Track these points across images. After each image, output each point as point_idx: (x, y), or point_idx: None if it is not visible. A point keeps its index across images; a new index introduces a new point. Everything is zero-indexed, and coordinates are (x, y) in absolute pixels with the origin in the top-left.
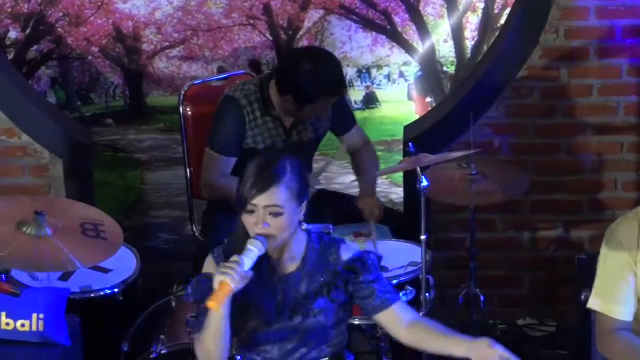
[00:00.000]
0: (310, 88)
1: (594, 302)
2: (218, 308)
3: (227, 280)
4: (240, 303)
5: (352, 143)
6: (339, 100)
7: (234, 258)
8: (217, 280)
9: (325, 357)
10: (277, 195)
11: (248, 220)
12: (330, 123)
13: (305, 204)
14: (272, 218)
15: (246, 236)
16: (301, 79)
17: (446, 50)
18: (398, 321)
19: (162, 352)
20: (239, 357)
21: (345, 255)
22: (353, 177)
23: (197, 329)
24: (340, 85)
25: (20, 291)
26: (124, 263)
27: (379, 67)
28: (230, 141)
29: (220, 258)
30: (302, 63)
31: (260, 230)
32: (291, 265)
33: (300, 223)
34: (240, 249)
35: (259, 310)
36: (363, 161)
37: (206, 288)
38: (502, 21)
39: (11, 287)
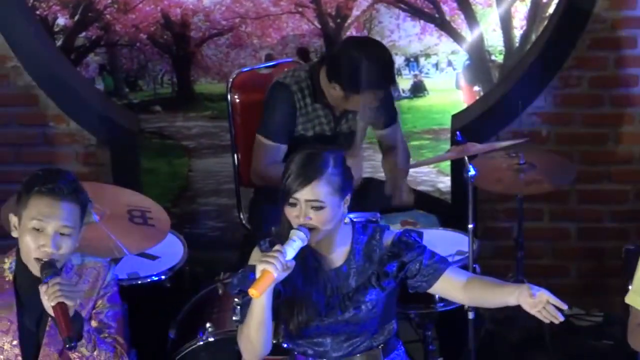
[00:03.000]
0: (357, 78)
1: (631, 297)
2: (258, 296)
3: (269, 268)
4: (289, 297)
5: (388, 139)
6: (386, 93)
7: (277, 247)
8: (260, 268)
9: (378, 345)
10: (319, 190)
11: (290, 212)
12: (375, 113)
13: (348, 197)
14: (314, 211)
15: (291, 227)
16: (349, 69)
17: (494, 39)
18: (454, 286)
19: (209, 339)
20: (285, 345)
21: (387, 240)
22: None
23: (240, 319)
24: (387, 79)
25: (73, 344)
26: (171, 250)
27: (427, 56)
28: (281, 128)
29: (268, 250)
30: (352, 52)
31: (302, 221)
32: (338, 259)
33: (343, 216)
34: (285, 240)
35: (309, 305)
36: (397, 159)
37: (252, 279)
38: (551, 10)
39: (66, 336)
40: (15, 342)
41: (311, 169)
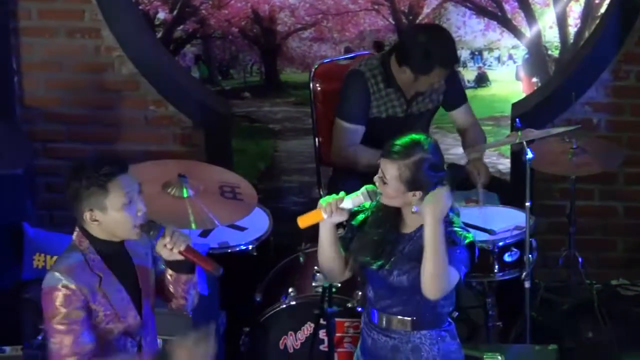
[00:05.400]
0: (424, 60)
1: None
2: (302, 226)
3: (321, 209)
4: (360, 238)
5: (460, 120)
6: (452, 76)
7: (341, 194)
8: (318, 205)
9: (407, 316)
10: (387, 168)
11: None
12: (443, 96)
13: (419, 194)
14: (381, 181)
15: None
16: (416, 52)
17: (551, 36)
18: None
19: (291, 303)
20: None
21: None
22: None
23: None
24: (451, 58)
25: (220, 271)
26: (258, 222)
27: (490, 50)
28: (357, 110)
29: (369, 195)
30: (417, 37)
31: (376, 182)
32: (409, 227)
33: (411, 204)
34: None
35: (372, 248)
36: (472, 137)
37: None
38: (602, 10)
39: (212, 267)
40: (131, 306)
41: (394, 148)
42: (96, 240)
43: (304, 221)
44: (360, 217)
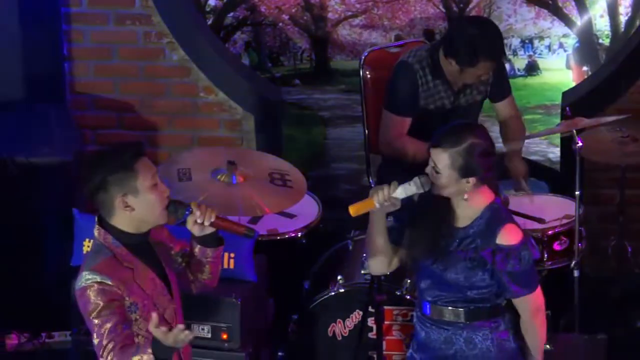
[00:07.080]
0: (469, 52)
1: None
2: (353, 214)
3: (373, 197)
4: (413, 229)
5: (502, 111)
6: (499, 68)
7: (393, 183)
8: (370, 194)
9: (460, 307)
10: (438, 157)
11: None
12: (490, 87)
13: (472, 180)
14: (434, 172)
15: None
16: (461, 44)
17: (602, 24)
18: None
19: (340, 290)
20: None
21: (501, 239)
22: None
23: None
24: (498, 51)
25: (254, 232)
26: (307, 209)
27: (541, 38)
28: (405, 102)
29: (421, 184)
30: (463, 29)
31: (428, 171)
32: (462, 222)
33: (465, 192)
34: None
35: (427, 247)
36: (512, 130)
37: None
38: None
39: (245, 229)
40: (165, 292)
41: (443, 137)
42: (121, 234)
43: (355, 209)
44: (411, 210)
